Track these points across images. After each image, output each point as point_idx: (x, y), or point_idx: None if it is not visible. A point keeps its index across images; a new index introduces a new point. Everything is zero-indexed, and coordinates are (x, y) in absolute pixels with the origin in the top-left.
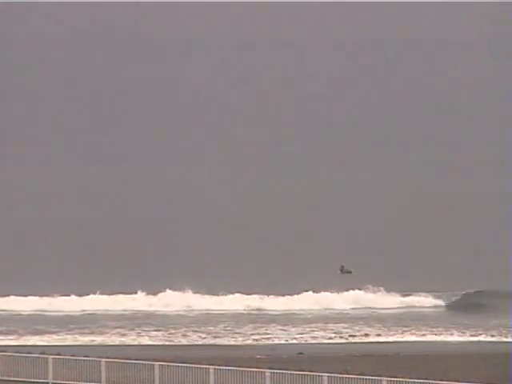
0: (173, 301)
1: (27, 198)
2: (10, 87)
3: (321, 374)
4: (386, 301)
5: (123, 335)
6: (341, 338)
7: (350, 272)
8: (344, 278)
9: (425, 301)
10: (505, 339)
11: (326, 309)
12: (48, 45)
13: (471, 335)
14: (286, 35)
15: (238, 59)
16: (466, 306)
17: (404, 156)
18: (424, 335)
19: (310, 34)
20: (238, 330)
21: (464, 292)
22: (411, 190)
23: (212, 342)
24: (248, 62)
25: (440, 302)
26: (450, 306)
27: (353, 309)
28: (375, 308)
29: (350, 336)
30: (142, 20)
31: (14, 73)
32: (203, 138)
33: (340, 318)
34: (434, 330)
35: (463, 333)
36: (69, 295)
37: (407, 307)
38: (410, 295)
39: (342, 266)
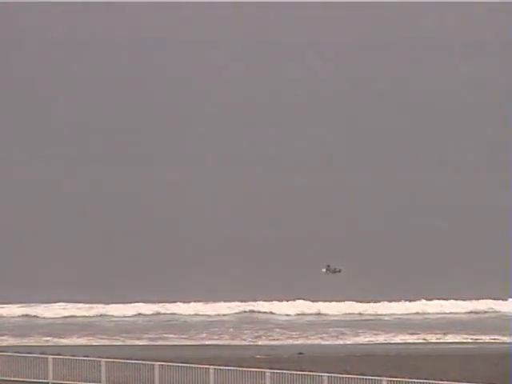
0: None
1: (30, 200)
2: (10, 86)
3: (321, 374)
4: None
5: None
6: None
7: (339, 271)
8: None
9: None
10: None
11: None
12: (49, 45)
13: None
14: (287, 35)
15: (240, 59)
16: None
17: (403, 156)
18: None
19: (310, 34)
20: None
21: None
22: (410, 190)
23: (212, 342)
24: (250, 62)
25: None
26: None
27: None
28: None
29: None
30: (144, 20)
31: (14, 73)
32: (202, 138)
33: None
34: None
35: None
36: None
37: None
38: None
39: (328, 265)
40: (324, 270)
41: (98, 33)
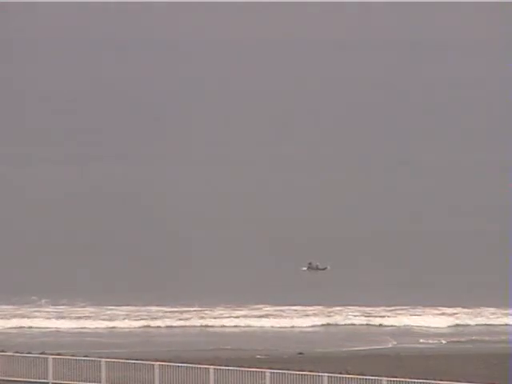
0: None
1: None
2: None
3: (321, 374)
4: None
5: None
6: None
7: (324, 269)
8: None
9: None
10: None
11: None
12: (48, 44)
13: None
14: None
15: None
16: None
17: (402, 156)
18: None
19: (311, 33)
20: None
21: None
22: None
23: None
24: (252, 62)
25: None
26: None
27: None
28: None
29: None
30: (152, 21)
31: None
32: (201, 139)
33: None
34: None
35: None
36: None
37: None
38: None
39: (310, 263)
40: (305, 268)
41: (109, 33)
